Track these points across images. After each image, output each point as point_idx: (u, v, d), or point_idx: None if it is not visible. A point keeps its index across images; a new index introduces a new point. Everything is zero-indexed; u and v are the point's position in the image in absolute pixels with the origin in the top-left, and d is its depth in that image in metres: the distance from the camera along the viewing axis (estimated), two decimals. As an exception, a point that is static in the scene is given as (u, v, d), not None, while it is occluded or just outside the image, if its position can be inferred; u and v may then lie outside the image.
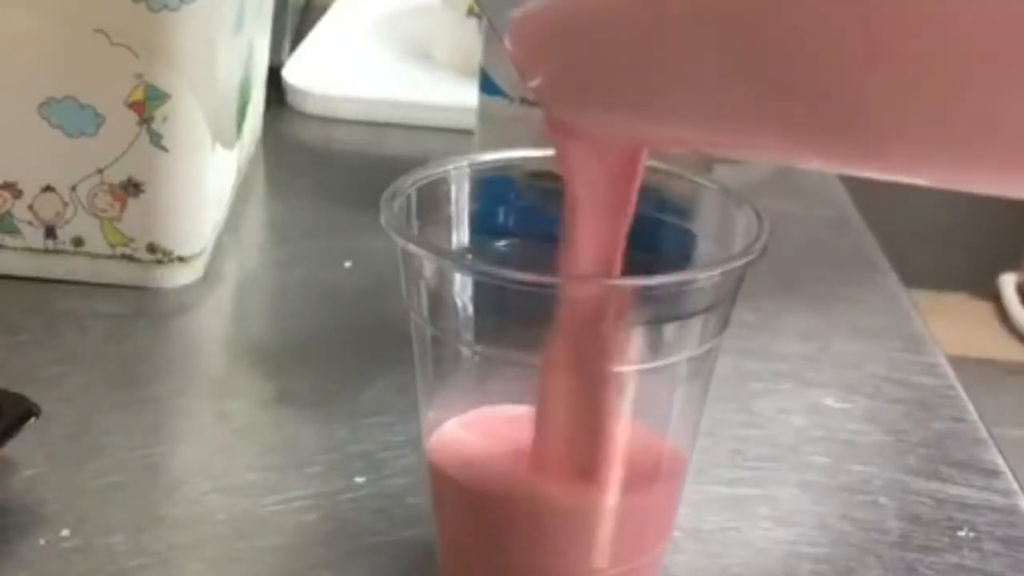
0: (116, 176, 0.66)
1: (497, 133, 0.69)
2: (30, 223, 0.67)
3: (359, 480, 0.55)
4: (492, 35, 0.66)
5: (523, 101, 0.68)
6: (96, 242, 0.68)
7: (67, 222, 0.67)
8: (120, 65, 0.65)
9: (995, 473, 0.58)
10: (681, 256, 0.48)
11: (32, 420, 0.53)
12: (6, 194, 0.67)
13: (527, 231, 0.48)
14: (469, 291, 0.46)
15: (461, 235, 0.49)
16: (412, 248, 0.45)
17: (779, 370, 0.65)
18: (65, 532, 0.51)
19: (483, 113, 0.71)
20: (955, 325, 1.96)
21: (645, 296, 0.44)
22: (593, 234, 0.43)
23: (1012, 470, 0.59)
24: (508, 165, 0.50)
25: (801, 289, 0.72)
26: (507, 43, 0.42)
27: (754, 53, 0.32)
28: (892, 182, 0.33)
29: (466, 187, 0.49)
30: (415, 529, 0.52)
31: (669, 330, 0.45)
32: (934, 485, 0.57)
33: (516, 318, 0.45)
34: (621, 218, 0.44)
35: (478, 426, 0.47)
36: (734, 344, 0.63)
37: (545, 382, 0.45)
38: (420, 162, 0.50)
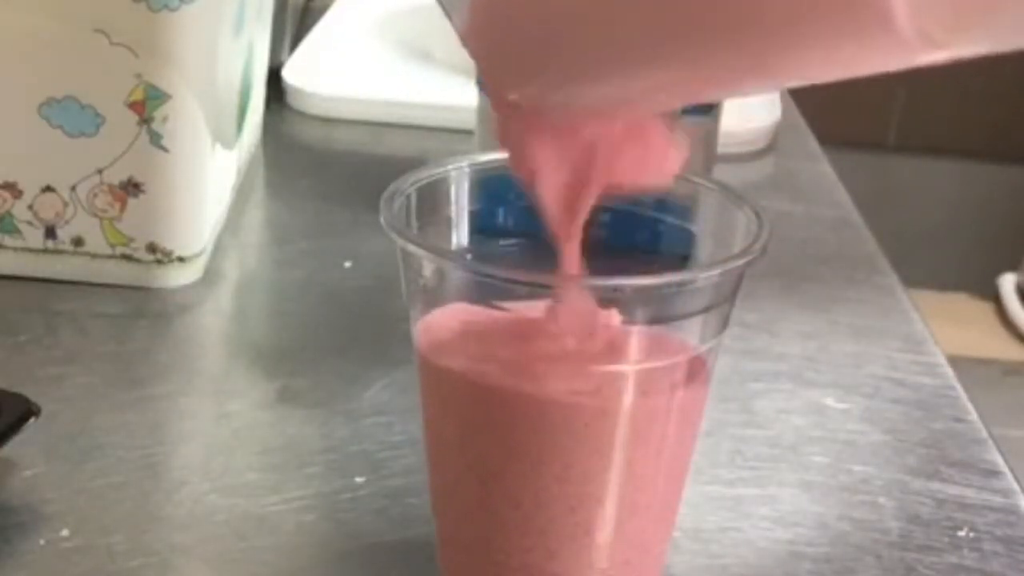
0: (116, 176, 0.67)
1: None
2: (30, 223, 0.67)
3: (359, 480, 0.55)
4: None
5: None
6: (96, 242, 0.68)
7: (67, 222, 0.67)
8: (120, 65, 0.65)
9: (995, 473, 0.58)
10: (681, 256, 0.48)
11: (32, 420, 0.53)
12: (6, 194, 0.67)
13: (527, 231, 0.48)
14: (469, 291, 0.46)
15: (461, 235, 0.49)
16: (412, 248, 0.45)
17: (779, 370, 0.65)
18: (65, 532, 0.51)
19: (483, 113, 0.71)
20: (955, 325, 1.97)
21: (645, 296, 0.44)
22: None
23: (1012, 470, 0.59)
24: (508, 165, 0.49)
25: (801, 289, 0.72)
26: (462, 32, 0.43)
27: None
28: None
29: (466, 187, 0.49)
30: (415, 529, 0.52)
31: (669, 330, 0.45)
32: (934, 485, 0.57)
33: (516, 318, 0.45)
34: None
35: (474, 317, 0.46)
36: (734, 344, 0.63)
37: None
38: (420, 162, 0.50)
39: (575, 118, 0.44)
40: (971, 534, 0.55)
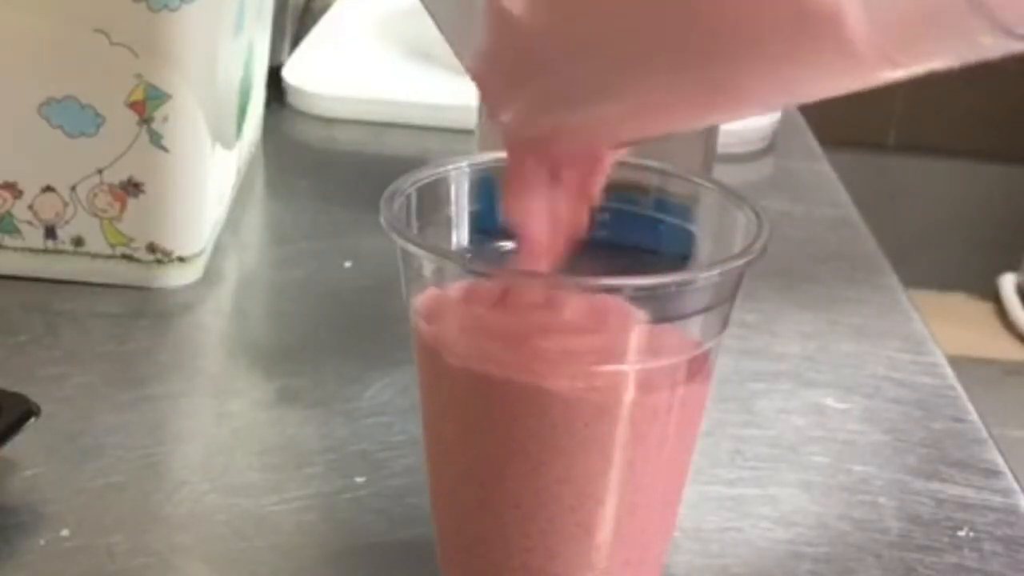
0: (116, 176, 0.67)
1: (497, 133, 0.69)
2: (30, 223, 0.67)
3: (359, 480, 0.55)
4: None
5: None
6: (96, 242, 0.68)
7: (67, 222, 0.67)
8: (120, 65, 0.65)
9: (995, 473, 0.58)
10: (681, 256, 0.48)
11: (32, 420, 0.53)
12: (6, 194, 0.67)
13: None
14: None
15: (461, 235, 0.49)
16: (412, 248, 0.45)
17: (779, 370, 0.65)
18: (65, 532, 0.51)
19: (483, 113, 0.71)
20: (955, 325, 1.97)
21: (645, 296, 0.44)
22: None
23: (1012, 470, 0.59)
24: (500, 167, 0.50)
25: (801, 289, 0.72)
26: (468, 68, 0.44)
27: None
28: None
29: (466, 187, 0.49)
30: (415, 529, 0.52)
31: (669, 330, 0.45)
32: (934, 485, 0.57)
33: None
34: None
35: (475, 317, 0.46)
36: (734, 344, 0.63)
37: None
38: (420, 162, 0.50)
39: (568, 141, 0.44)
40: (971, 534, 0.55)
